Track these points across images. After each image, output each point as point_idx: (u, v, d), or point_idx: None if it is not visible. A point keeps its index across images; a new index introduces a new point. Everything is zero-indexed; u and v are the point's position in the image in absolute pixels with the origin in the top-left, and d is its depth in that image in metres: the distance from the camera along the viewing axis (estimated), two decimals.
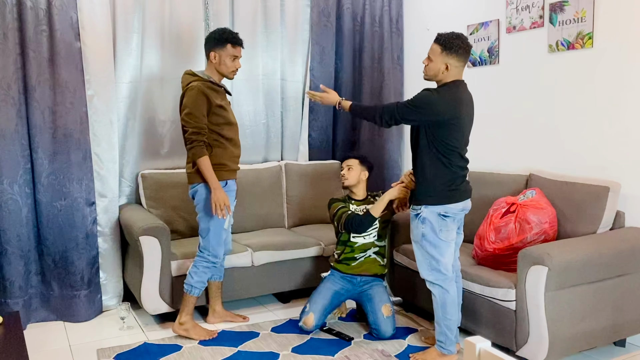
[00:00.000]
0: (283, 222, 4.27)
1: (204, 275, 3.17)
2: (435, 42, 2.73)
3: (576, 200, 3.09)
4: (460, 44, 2.68)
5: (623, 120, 3.15)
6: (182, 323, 3.19)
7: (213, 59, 3.11)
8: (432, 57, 2.73)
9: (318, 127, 4.51)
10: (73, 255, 3.47)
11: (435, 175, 2.73)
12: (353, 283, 3.32)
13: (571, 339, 2.73)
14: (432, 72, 2.74)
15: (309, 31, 4.42)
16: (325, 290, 3.29)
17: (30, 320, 3.45)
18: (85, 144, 3.48)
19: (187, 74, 3.16)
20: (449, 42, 2.67)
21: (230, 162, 3.17)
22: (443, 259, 2.78)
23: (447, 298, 2.80)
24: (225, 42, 3.09)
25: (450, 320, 2.81)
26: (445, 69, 2.70)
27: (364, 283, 3.32)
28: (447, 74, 2.72)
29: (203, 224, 3.13)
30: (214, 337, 3.21)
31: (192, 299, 3.19)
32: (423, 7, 4.53)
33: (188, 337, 3.18)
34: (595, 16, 3.22)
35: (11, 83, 3.24)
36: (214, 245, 3.14)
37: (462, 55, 2.70)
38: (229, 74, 3.15)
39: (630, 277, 2.87)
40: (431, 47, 2.74)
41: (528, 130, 3.66)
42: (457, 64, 2.71)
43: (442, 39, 2.70)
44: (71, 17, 3.37)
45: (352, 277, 3.32)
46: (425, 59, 2.78)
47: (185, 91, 3.07)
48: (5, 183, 3.26)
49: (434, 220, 2.74)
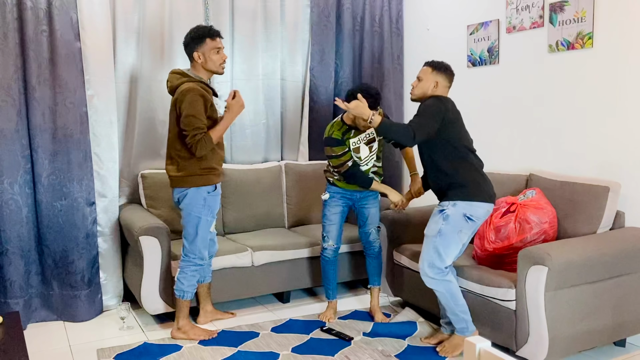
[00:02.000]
0: (283, 222, 4.27)
1: (193, 278, 3.17)
2: (425, 65, 2.99)
3: (576, 200, 3.09)
4: (447, 66, 2.97)
5: (623, 120, 3.15)
6: (180, 328, 3.20)
7: (198, 59, 3.05)
8: (423, 77, 2.96)
9: (318, 127, 4.51)
10: (73, 255, 3.48)
11: (458, 171, 2.85)
12: (353, 199, 3.43)
13: (571, 339, 2.73)
14: (422, 90, 2.95)
15: (309, 31, 4.42)
16: (333, 216, 3.42)
17: (30, 320, 3.45)
18: (85, 144, 3.48)
19: (175, 74, 3.08)
20: (438, 64, 2.96)
21: (218, 166, 3.15)
22: (447, 258, 2.85)
23: (452, 287, 2.86)
24: (203, 37, 3.03)
25: (463, 306, 2.88)
26: (434, 86, 2.93)
27: (362, 196, 3.43)
28: (435, 91, 2.93)
29: (190, 227, 3.11)
30: (214, 336, 3.21)
31: (186, 303, 3.20)
32: (423, 7, 4.53)
33: (188, 339, 3.18)
34: (595, 16, 3.22)
35: (11, 83, 3.24)
36: (201, 249, 3.15)
37: (449, 76, 2.97)
38: (218, 68, 3.09)
39: (630, 277, 2.88)
40: (421, 70, 2.98)
41: (528, 130, 3.66)
42: (445, 83, 2.95)
43: (431, 62, 2.99)
44: (71, 17, 3.37)
45: (352, 193, 3.41)
46: (414, 82, 3.00)
47: (179, 93, 2.98)
48: (6, 183, 3.26)
49: (457, 220, 2.82)
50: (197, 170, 3.03)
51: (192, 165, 3.03)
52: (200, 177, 3.05)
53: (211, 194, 3.10)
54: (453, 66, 4.08)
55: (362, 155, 3.33)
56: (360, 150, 3.32)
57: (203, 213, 3.08)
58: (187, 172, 3.03)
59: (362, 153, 3.33)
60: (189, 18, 3.90)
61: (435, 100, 2.85)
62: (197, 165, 3.03)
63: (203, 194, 3.07)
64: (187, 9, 3.90)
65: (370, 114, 2.82)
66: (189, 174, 3.03)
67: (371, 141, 3.34)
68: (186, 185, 3.05)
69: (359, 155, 3.32)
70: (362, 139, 3.31)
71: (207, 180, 3.06)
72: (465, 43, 4.10)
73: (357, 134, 3.31)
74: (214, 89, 3.19)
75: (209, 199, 3.09)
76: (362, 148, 3.33)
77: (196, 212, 3.07)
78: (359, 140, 3.31)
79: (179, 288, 3.16)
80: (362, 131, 3.31)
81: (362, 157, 3.33)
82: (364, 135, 3.32)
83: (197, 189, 3.05)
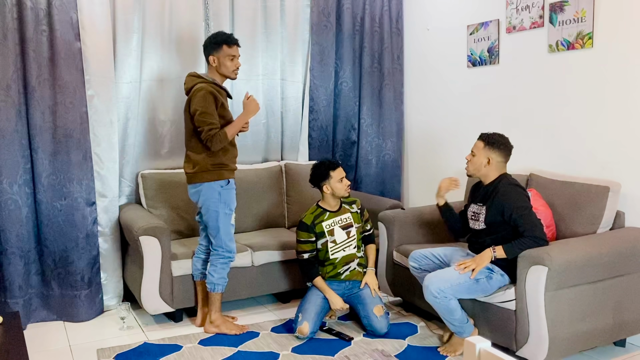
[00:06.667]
0: (283, 222, 4.27)
1: (223, 271, 3.25)
2: (478, 139, 2.96)
3: (576, 200, 3.09)
4: (502, 140, 2.91)
5: (623, 120, 3.14)
6: (212, 321, 3.27)
7: (213, 62, 3.19)
8: (476, 152, 2.94)
9: (318, 127, 4.51)
10: (73, 255, 3.48)
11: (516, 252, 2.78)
12: (341, 287, 3.34)
13: (571, 339, 2.72)
14: (474, 167, 2.95)
15: (309, 31, 4.42)
16: (314, 297, 3.28)
17: (30, 320, 3.45)
18: (86, 144, 3.48)
19: (191, 76, 3.21)
20: (492, 138, 2.91)
21: (230, 163, 3.23)
22: (458, 295, 2.83)
23: (450, 305, 2.83)
24: (221, 44, 3.16)
25: (459, 320, 2.87)
26: (487, 162, 2.90)
27: (352, 286, 3.35)
28: (489, 167, 2.91)
29: (212, 222, 3.19)
30: (245, 331, 3.28)
31: (218, 295, 3.26)
32: (423, 7, 4.53)
33: (220, 333, 3.25)
34: (595, 16, 3.22)
35: (11, 83, 3.24)
36: (226, 242, 3.22)
37: (504, 151, 2.91)
38: (230, 74, 3.22)
39: (630, 277, 2.87)
40: (475, 144, 2.97)
41: (528, 130, 3.66)
42: (499, 159, 2.91)
43: (484, 135, 2.94)
44: (71, 17, 3.37)
45: (339, 282, 3.34)
46: (468, 155, 2.99)
47: (192, 93, 3.10)
48: (5, 183, 3.26)
49: (492, 285, 2.81)
50: (208, 166, 3.13)
51: (203, 161, 3.12)
52: (212, 172, 3.14)
53: (224, 187, 3.18)
54: (453, 66, 4.09)
55: (338, 239, 3.30)
56: (335, 233, 3.29)
57: (220, 207, 3.17)
58: (199, 168, 3.13)
59: (337, 236, 3.29)
60: (189, 18, 3.90)
61: (519, 193, 2.83)
62: (209, 161, 3.13)
63: (217, 189, 3.15)
64: (187, 9, 3.89)
65: (492, 251, 2.79)
66: (201, 169, 3.13)
67: (348, 226, 3.33)
68: (199, 180, 3.14)
69: (333, 238, 3.29)
70: (337, 222, 3.31)
71: (218, 175, 3.15)
72: (465, 43, 4.10)
73: (332, 216, 3.32)
74: (227, 90, 3.26)
75: (223, 193, 3.17)
76: (337, 231, 3.30)
77: (213, 206, 3.15)
78: (333, 222, 3.31)
79: (209, 281, 3.24)
80: (337, 213, 3.32)
81: (338, 242, 3.30)
82: (338, 218, 3.32)
83: (210, 184, 3.13)
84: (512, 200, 2.81)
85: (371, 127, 4.66)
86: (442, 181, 3.19)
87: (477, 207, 2.96)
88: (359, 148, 4.66)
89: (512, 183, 2.89)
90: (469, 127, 4.06)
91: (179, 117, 3.87)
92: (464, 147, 3.59)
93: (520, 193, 2.85)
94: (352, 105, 4.62)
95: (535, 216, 2.82)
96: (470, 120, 4.10)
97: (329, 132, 4.58)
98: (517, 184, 2.89)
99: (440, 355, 2.97)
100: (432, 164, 4.50)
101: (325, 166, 3.30)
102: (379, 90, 4.66)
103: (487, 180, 2.95)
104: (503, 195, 2.83)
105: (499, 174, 2.93)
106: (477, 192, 3.04)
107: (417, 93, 4.66)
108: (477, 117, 4.02)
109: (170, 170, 3.91)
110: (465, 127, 4.11)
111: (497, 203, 2.84)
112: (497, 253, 2.78)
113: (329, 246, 3.29)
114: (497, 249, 2.78)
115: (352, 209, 3.39)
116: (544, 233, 2.78)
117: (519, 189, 2.86)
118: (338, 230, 3.31)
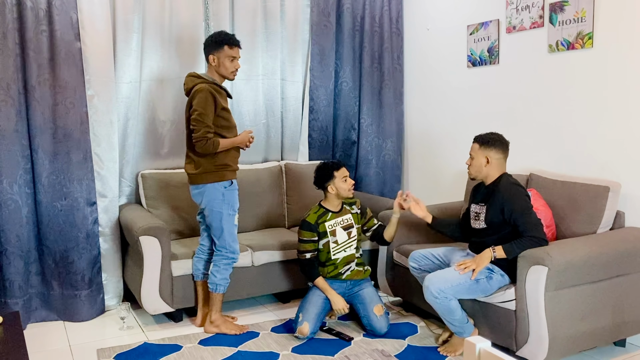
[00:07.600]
0: (283, 222, 4.27)
1: (226, 271, 3.25)
2: (473, 142, 2.96)
3: (576, 200, 3.09)
4: (496, 137, 2.92)
5: (623, 120, 3.14)
6: (212, 321, 3.27)
7: (212, 62, 3.17)
8: (473, 155, 2.95)
9: (318, 127, 4.51)
10: (74, 255, 3.48)
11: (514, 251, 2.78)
12: (342, 287, 3.35)
13: (571, 339, 2.72)
14: (475, 169, 2.94)
15: (309, 31, 4.42)
16: (315, 298, 3.28)
17: (30, 320, 3.45)
18: (86, 144, 3.48)
19: (191, 76, 3.20)
20: (485, 138, 2.92)
21: (232, 163, 3.23)
22: (458, 295, 2.82)
23: (450, 305, 2.83)
24: (222, 44, 3.15)
25: (459, 320, 2.87)
26: (486, 162, 2.90)
27: (352, 285, 3.36)
28: (490, 167, 2.90)
29: (215, 223, 3.19)
30: (245, 331, 3.28)
31: (219, 296, 3.26)
32: (423, 7, 4.53)
33: (220, 333, 3.25)
34: (595, 16, 3.22)
35: (11, 83, 3.24)
36: (230, 242, 3.23)
37: (500, 147, 2.91)
38: (229, 75, 3.21)
39: (630, 277, 2.87)
40: (471, 147, 2.97)
41: (528, 130, 3.66)
42: (498, 155, 2.90)
43: (478, 137, 2.95)
44: (71, 17, 3.37)
45: (340, 282, 3.34)
46: (467, 160, 3.00)
47: (193, 93, 3.09)
48: (5, 183, 3.26)
49: (492, 285, 2.82)
50: (211, 167, 3.12)
51: (207, 162, 3.12)
52: (215, 173, 3.13)
53: (228, 188, 3.18)
54: (453, 66, 4.09)
55: (340, 240, 3.31)
56: (337, 234, 3.30)
57: (224, 208, 3.17)
58: (202, 169, 3.12)
59: (339, 237, 3.30)
60: (189, 18, 3.90)
61: (520, 192, 2.83)
62: (212, 162, 3.12)
63: (220, 190, 3.15)
64: (187, 9, 3.89)
65: (492, 251, 2.80)
66: (204, 170, 3.12)
67: (349, 227, 3.34)
68: (202, 181, 3.14)
69: (335, 238, 3.30)
70: (338, 222, 3.32)
71: (221, 176, 3.15)
72: (465, 43, 4.10)
73: (334, 217, 3.32)
74: (227, 90, 3.25)
75: (227, 194, 3.18)
76: (339, 232, 3.31)
77: (217, 207, 3.16)
78: (335, 223, 3.31)
79: (211, 281, 3.24)
80: (339, 214, 3.33)
81: (340, 242, 3.31)
82: (340, 219, 3.33)
83: (213, 185, 3.13)
84: (513, 199, 2.81)
85: (371, 127, 4.66)
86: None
87: (479, 207, 2.96)
88: (359, 148, 4.66)
89: (513, 182, 2.89)
90: (468, 127, 4.06)
91: (179, 117, 3.87)
92: (464, 147, 3.59)
93: (520, 192, 2.85)
94: (352, 105, 4.62)
95: (536, 216, 2.82)
96: (470, 120, 4.10)
97: (329, 132, 4.59)
98: (517, 184, 2.89)
99: (440, 355, 2.98)
100: (432, 164, 4.50)
101: (328, 167, 3.31)
102: (379, 90, 4.66)
103: (489, 181, 2.95)
104: (503, 195, 2.83)
105: (500, 173, 2.93)
106: (478, 192, 3.04)
107: (417, 93, 4.66)
108: (477, 117, 4.02)
109: (170, 170, 3.91)
110: (465, 127, 4.10)
111: (497, 202, 2.84)
112: (497, 253, 2.78)
113: (331, 246, 3.29)
114: (497, 249, 2.78)
115: (353, 209, 3.40)
116: (544, 233, 2.78)
117: (519, 189, 2.86)
118: (340, 231, 3.31)
